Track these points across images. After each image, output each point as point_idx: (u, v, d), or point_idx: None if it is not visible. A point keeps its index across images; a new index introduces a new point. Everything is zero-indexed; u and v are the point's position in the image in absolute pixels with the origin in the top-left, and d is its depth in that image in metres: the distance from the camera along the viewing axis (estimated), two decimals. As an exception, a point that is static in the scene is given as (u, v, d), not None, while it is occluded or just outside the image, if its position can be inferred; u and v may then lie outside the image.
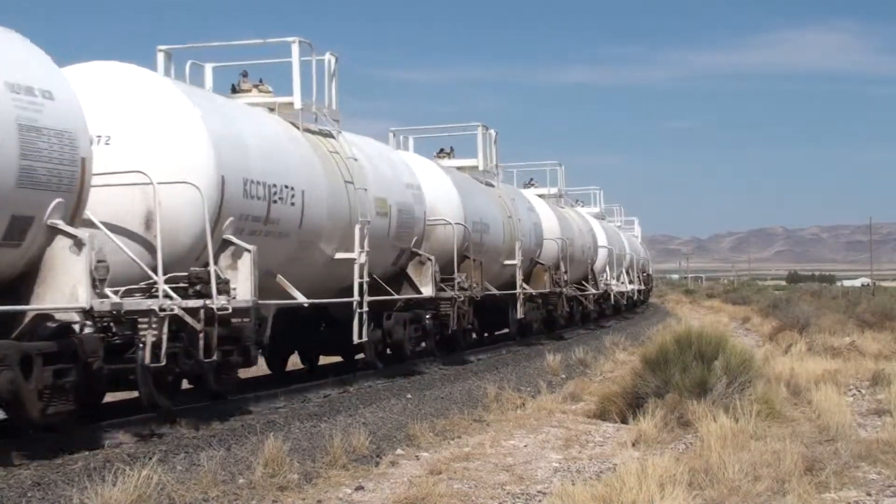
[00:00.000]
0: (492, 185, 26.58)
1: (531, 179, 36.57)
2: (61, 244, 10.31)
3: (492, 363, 21.92)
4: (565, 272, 30.83)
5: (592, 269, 36.88)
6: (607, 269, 40.51)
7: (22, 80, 10.03)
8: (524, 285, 26.59)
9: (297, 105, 16.32)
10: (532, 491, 9.76)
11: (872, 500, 9.15)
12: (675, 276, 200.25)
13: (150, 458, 9.46)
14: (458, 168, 24.86)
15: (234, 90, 16.30)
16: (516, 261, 25.75)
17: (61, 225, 10.30)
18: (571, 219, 35.21)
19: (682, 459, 10.09)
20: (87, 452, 10.46)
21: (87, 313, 10.36)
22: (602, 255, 39.58)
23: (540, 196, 33.05)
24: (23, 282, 10.37)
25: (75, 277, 10.28)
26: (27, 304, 10.30)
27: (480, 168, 26.00)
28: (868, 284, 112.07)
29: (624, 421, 13.82)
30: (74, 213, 10.67)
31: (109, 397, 13.43)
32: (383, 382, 17.44)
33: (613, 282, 41.05)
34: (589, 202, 47.89)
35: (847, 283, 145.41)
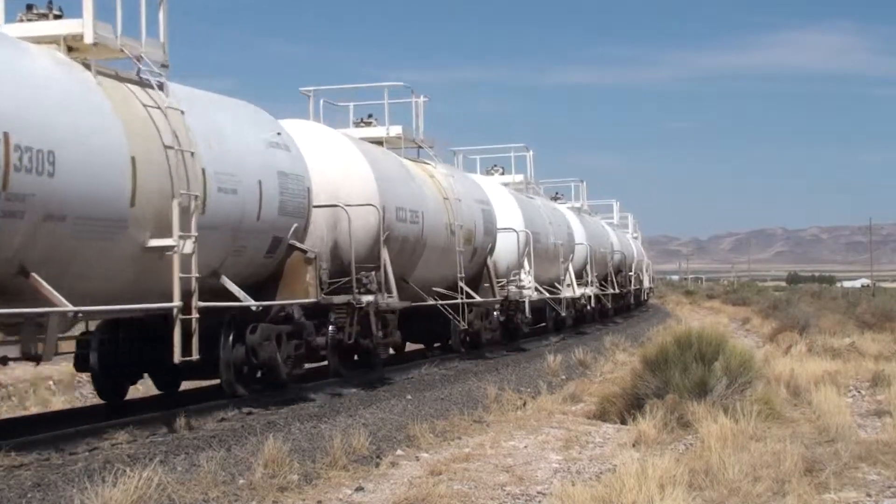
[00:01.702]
0: (427, 164, 21.91)
1: (494, 166, 31.91)
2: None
3: (491, 365, 21.90)
4: (529, 271, 26.52)
5: (570, 269, 32.66)
6: (582, 269, 35.18)
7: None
8: (468, 289, 21.60)
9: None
10: (532, 492, 9.77)
11: (872, 500, 9.15)
12: (675, 277, 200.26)
13: (151, 459, 9.47)
14: (375, 141, 20.05)
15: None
16: (457, 259, 21.10)
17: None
18: (541, 210, 30.27)
19: (682, 460, 10.10)
20: (86, 453, 10.47)
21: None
22: (580, 251, 34.65)
23: (505, 185, 28.69)
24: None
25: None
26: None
27: (404, 139, 21.12)
28: (868, 285, 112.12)
29: (624, 422, 13.82)
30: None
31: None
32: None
33: (571, 286, 32.74)
34: (569, 196, 42.44)
35: (847, 283, 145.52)
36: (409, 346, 23.87)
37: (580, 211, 39.83)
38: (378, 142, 20.22)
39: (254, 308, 13.64)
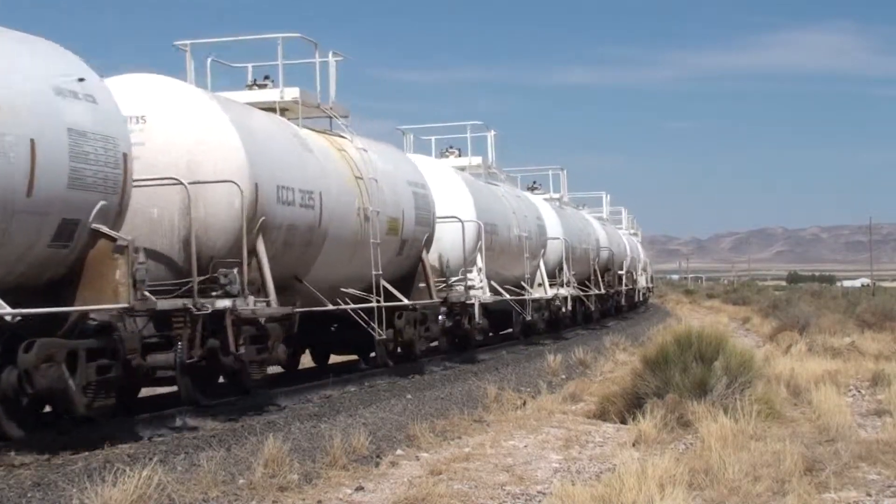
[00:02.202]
0: (340, 137, 18.00)
1: (449, 147, 27.51)
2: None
3: (492, 364, 21.90)
4: (481, 269, 22.69)
5: (541, 266, 28.79)
6: (557, 266, 30.92)
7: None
8: (392, 290, 17.87)
9: None
10: (532, 491, 9.76)
11: (872, 500, 9.15)
12: (675, 277, 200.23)
13: (151, 459, 9.46)
14: (266, 107, 16.37)
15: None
16: (372, 252, 17.03)
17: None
18: (503, 199, 26.19)
19: (682, 460, 10.09)
20: (86, 452, 10.46)
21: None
22: (554, 247, 30.26)
23: (461, 168, 24.95)
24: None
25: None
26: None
27: (303, 105, 17.11)
28: (868, 285, 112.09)
29: (624, 421, 13.82)
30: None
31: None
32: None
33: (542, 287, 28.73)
34: (547, 186, 38.09)
35: (847, 283, 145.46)
36: (334, 359, 20.87)
37: (559, 202, 35.65)
38: (271, 108, 16.44)
39: (8, 319, 10.08)
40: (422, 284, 19.59)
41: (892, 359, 20.42)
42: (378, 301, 17.24)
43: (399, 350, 18.99)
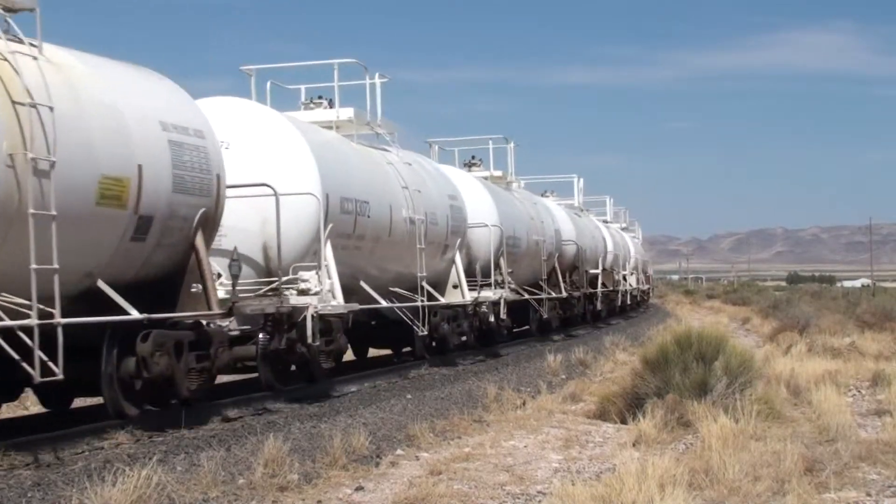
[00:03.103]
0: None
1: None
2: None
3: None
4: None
5: (457, 262, 22.05)
6: (488, 263, 23.81)
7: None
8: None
9: None
10: (532, 491, 9.76)
11: (872, 500, 9.15)
12: (675, 277, 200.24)
13: (150, 459, 9.46)
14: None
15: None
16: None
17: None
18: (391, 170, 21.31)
19: (682, 460, 10.10)
20: (87, 452, 10.47)
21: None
22: (481, 238, 23.79)
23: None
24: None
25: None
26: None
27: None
28: (868, 285, 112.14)
29: (624, 421, 13.82)
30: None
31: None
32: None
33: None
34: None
35: (847, 283, 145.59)
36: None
37: (507, 184, 28.49)
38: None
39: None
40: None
41: (892, 359, 20.43)
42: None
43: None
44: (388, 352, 23.15)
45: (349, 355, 20.96)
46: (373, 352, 23.24)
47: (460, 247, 22.06)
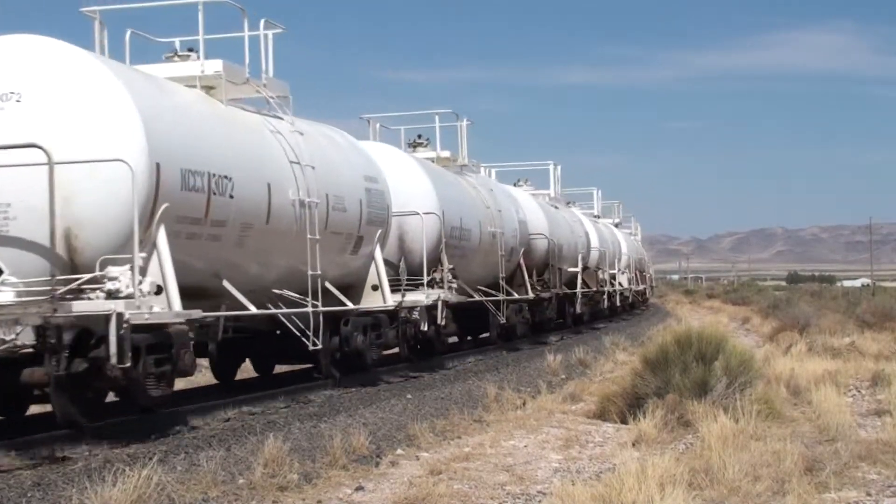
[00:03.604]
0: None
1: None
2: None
3: (492, 364, 21.88)
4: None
5: (376, 257, 18.43)
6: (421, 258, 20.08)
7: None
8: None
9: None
10: (532, 491, 9.76)
11: (872, 500, 9.15)
12: (675, 277, 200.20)
13: (150, 459, 9.46)
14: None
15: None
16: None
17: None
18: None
19: (682, 460, 10.09)
20: (87, 452, 10.47)
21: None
22: (414, 228, 19.95)
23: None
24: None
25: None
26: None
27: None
28: (868, 285, 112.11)
29: (624, 421, 13.82)
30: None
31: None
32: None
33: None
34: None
35: (847, 283, 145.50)
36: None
37: (457, 166, 24.49)
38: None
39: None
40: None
41: (892, 359, 20.41)
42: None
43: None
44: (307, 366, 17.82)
45: (249, 371, 18.55)
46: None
47: (382, 240, 18.11)
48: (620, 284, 44.42)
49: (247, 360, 18.16)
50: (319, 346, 15.21)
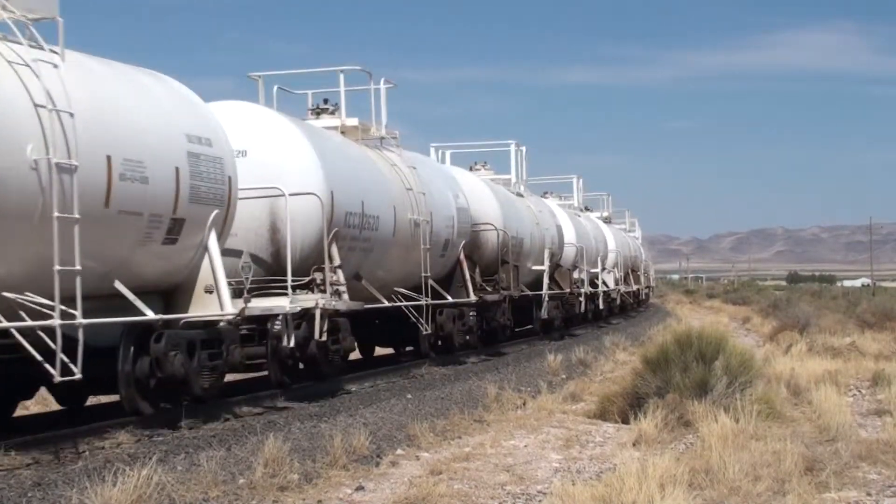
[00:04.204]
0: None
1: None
2: None
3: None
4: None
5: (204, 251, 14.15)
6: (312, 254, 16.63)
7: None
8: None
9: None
10: (532, 491, 9.76)
11: (872, 500, 9.15)
12: (676, 277, 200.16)
13: (150, 458, 9.45)
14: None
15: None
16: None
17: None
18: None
19: (683, 459, 10.09)
20: (87, 453, 10.47)
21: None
22: (310, 216, 15.77)
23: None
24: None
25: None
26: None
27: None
28: (868, 285, 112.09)
29: (624, 421, 13.82)
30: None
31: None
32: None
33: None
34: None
35: (847, 283, 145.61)
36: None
37: (377, 138, 19.91)
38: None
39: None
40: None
41: (892, 359, 20.44)
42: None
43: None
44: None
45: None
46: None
47: (218, 225, 12.96)
48: (608, 285, 40.20)
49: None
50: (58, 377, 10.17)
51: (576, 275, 33.13)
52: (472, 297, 21.77)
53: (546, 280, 29.02)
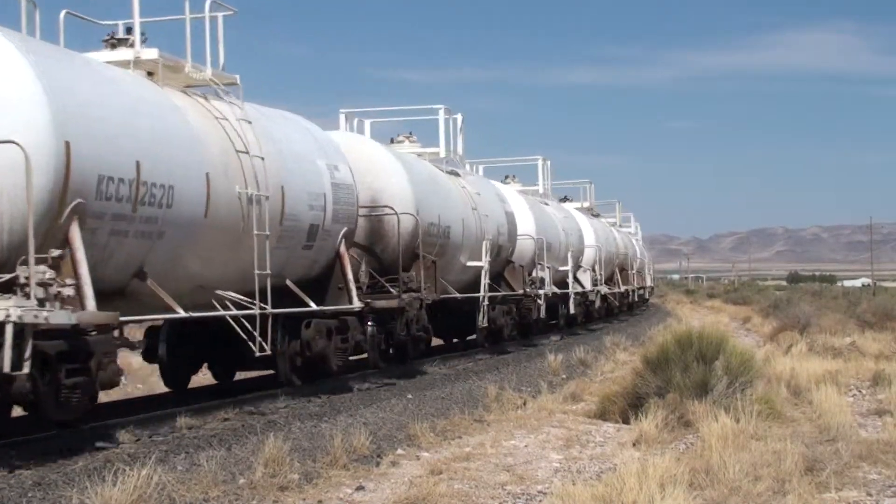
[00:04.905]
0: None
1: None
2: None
3: (492, 364, 21.89)
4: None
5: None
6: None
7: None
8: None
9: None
10: (532, 491, 9.76)
11: (873, 500, 9.15)
12: (676, 277, 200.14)
13: (150, 458, 9.45)
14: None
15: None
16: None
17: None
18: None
19: (683, 459, 10.09)
20: (87, 453, 10.47)
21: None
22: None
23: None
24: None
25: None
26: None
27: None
28: (868, 284, 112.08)
29: (625, 421, 13.82)
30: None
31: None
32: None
33: None
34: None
35: (847, 283, 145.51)
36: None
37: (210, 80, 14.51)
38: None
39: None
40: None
41: (892, 359, 20.43)
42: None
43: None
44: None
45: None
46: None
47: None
48: (584, 286, 35.01)
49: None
50: None
51: (535, 273, 27.90)
52: (356, 304, 16.35)
53: (485, 279, 23.25)
